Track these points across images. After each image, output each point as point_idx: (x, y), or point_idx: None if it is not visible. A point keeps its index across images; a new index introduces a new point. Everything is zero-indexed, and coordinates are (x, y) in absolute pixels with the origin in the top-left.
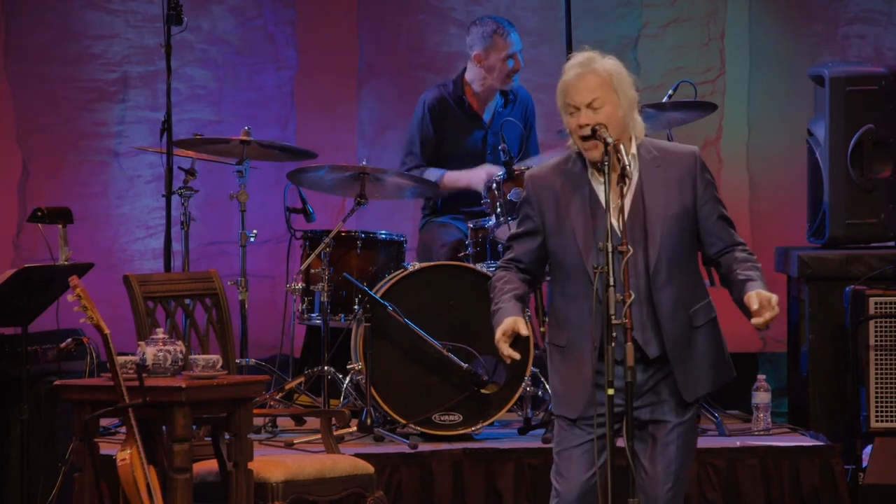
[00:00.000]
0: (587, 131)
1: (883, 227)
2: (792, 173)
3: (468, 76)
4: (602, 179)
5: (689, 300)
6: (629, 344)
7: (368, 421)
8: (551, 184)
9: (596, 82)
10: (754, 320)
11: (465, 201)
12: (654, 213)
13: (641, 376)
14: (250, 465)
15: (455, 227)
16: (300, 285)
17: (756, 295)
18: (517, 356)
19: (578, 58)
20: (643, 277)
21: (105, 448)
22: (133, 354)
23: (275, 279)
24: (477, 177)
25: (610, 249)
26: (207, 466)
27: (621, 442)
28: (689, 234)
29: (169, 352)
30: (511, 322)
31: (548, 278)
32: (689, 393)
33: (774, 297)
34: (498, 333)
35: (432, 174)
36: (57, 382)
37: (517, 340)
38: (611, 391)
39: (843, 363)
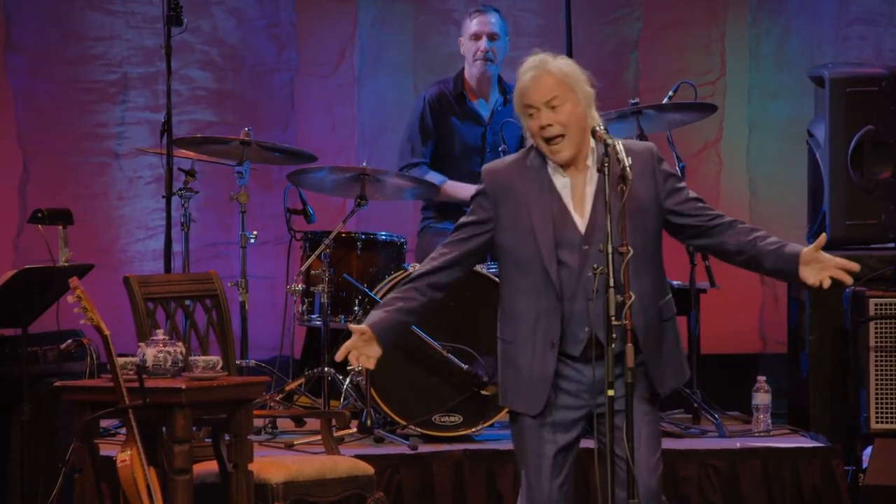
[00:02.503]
0: (551, 132)
1: (883, 229)
2: (792, 174)
3: (465, 71)
4: (565, 175)
5: (659, 293)
6: (629, 345)
7: (368, 422)
8: (510, 178)
9: (552, 82)
10: (820, 279)
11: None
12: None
13: (600, 373)
14: (250, 467)
15: None
16: (300, 286)
17: (818, 252)
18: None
19: (531, 61)
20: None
21: (105, 449)
22: (133, 356)
23: (275, 280)
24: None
25: (610, 251)
26: (208, 468)
27: (588, 443)
28: (653, 227)
29: (169, 353)
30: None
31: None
32: (660, 385)
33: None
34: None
35: (433, 178)
36: (57, 383)
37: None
38: (611, 392)
39: (844, 364)
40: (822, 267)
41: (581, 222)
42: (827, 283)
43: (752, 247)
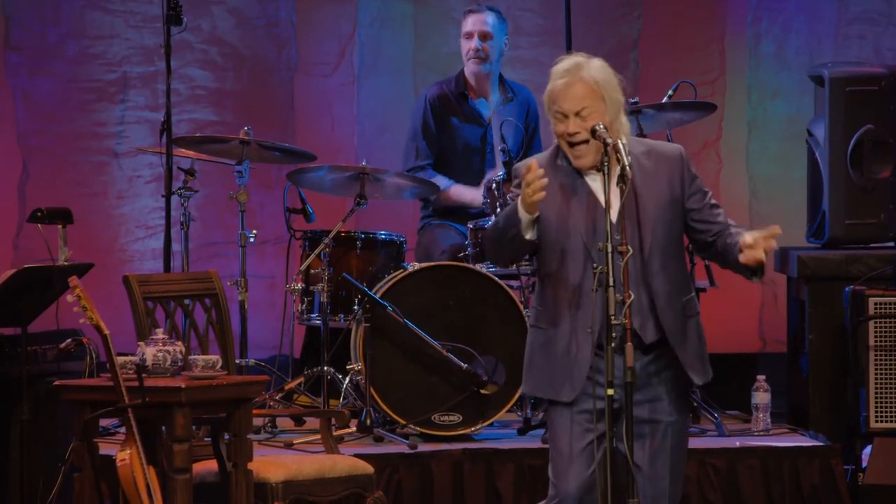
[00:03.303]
0: (577, 138)
1: (882, 228)
2: (792, 174)
3: (465, 70)
4: (593, 172)
5: (682, 289)
6: (629, 345)
7: (368, 421)
8: (546, 170)
9: (584, 91)
10: (747, 253)
11: (467, 210)
12: (647, 200)
13: (639, 364)
14: (250, 466)
15: (455, 229)
16: (300, 285)
17: (748, 234)
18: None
19: (565, 64)
20: (638, 261)
21: (105, 448)
22: (133, 355)
23: (274, 279)
24: (480, 195)
25: (610, 250)
26: (207, 467)
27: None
28: (678, 224)
29: (168, 352)
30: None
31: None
32: (696, 374)
33: (772, 230)
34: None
35: (439, 182)
36: (57, 383)
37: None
38: (610, 391)
39: (843, 363)
40: (752, 247)
41: (613, 214)
42: (754, 255)
43: (721, 248)
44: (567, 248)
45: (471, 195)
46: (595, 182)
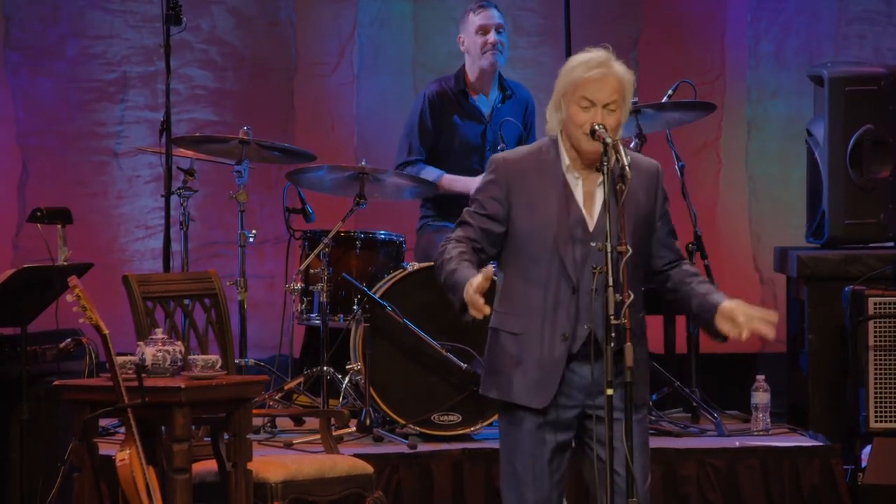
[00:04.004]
0: (588, 129)
1: (882, 228)
2: (791, 174)
3: (466, 68)
4: (577, 175)
5: (639, 305)
6: (628, 345)
7: (367, 421)
8: (523, 168)
9: (616, 86)
10: (737, 332)
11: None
12: (626, 210)
13: (598, 371)
14: (249, 466)
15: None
16: (299, 285)
17: (738, 306)
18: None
19: (597, 56)
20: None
21: (104, 448)
22: (132, 355)
23: (274, 279)
24: (475, 183)
25: (609, 250)
26: (207, 467)
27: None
28: (647, 239)
29: (168, 352)
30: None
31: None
32: (637, 395)
33: (771, 314)
34: (470, 289)
35: (430, 173)
36: (56, 383)
37: None
38: (610, 391)
39: (843, 363)
40: (736, 323)
41: (590, 221)
42: (745, 336)
43: (683, 286)
44: (535, 247)
45: (462, 184)
46: (577, 184)
